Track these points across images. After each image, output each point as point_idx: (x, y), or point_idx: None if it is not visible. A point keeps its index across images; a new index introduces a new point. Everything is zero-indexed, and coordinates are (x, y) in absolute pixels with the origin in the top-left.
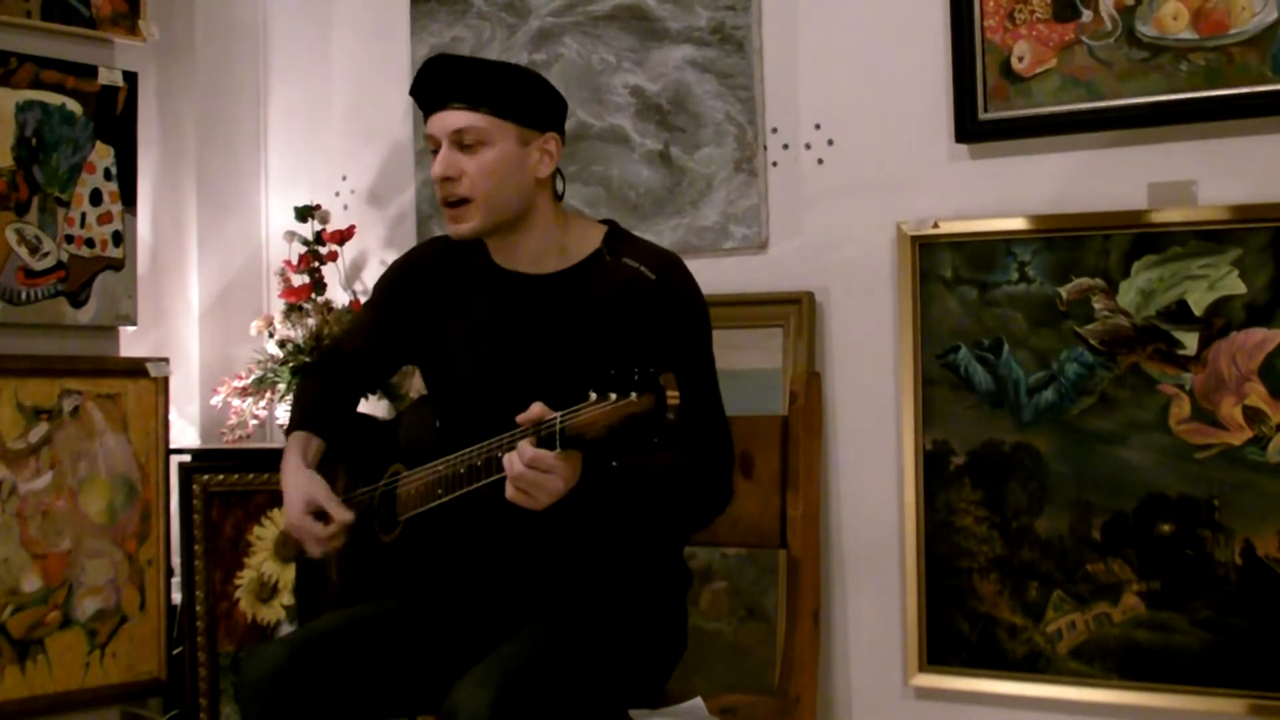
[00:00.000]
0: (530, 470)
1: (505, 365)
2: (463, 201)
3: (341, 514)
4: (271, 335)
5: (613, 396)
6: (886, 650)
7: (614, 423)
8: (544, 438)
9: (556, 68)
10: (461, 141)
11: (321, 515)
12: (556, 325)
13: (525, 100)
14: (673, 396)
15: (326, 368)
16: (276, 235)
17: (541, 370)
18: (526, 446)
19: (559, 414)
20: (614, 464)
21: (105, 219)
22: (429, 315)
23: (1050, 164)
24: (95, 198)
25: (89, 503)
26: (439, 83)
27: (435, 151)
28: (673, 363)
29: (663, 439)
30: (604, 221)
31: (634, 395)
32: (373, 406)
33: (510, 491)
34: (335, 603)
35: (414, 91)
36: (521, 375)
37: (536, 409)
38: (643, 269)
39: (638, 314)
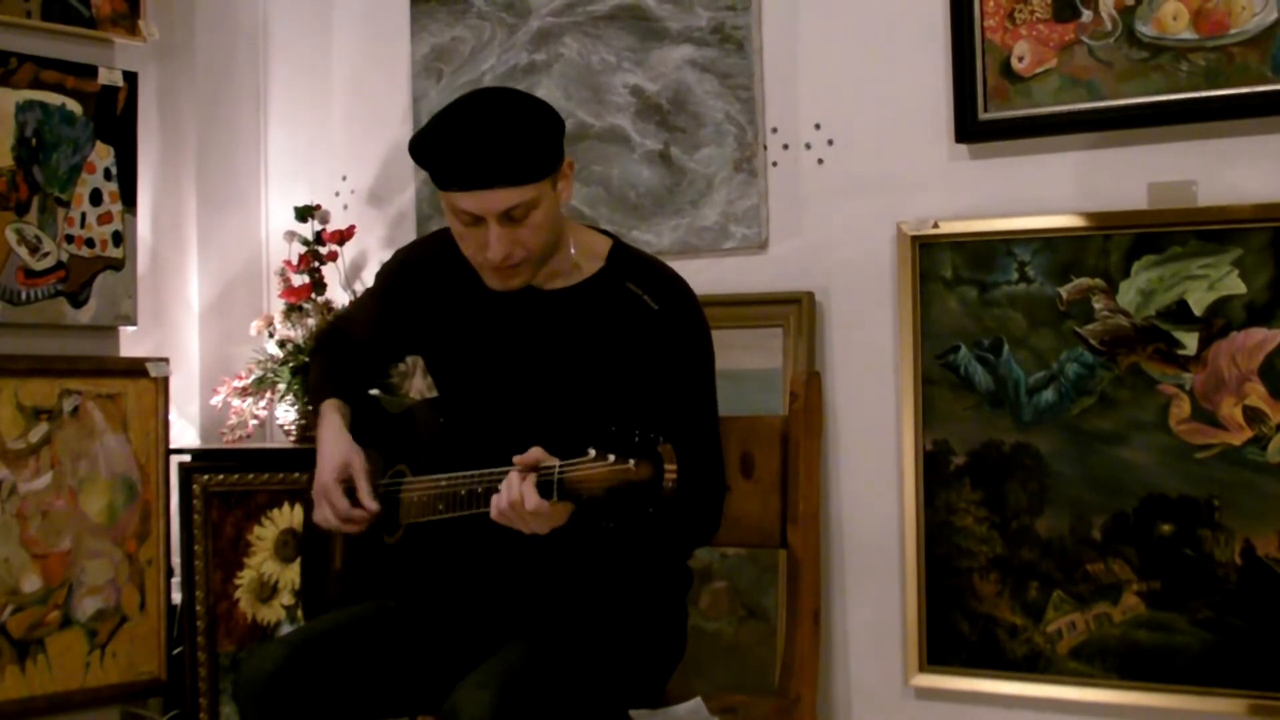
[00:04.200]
0: (511, 511)
1: (508, 379)
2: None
3: (370, 503)
4: (271, 335)
5: (611, 458)
6: (886, 650)
7: (612, 485)
8: (540, 484)
9: (556, 68)
10: (511, 215)
11: (348, 488)
12: (558, 344)
13: (553, 148)
14: (670, 470)
15: (337, 348)
16: (276, 235)
17: (542, 385)
18: (516, 485)
19: (558, 463)
20: (609, 525)
21: (105, 219)
22: (434, 314)
23: (1050, 164)
24: (95, 198)
25: (89, 503)
26: (479, 167)
27: (469, 223)
28: (672, 394)
29: (658, 510)
30: (605, 232)
31: (632, 463)
32: None
33: (494, 514)
34: (337, 601)
35: (430, 164)
36: (524, 390)
37: (534, 453)
38: (646, 298)
39: (640, 344)
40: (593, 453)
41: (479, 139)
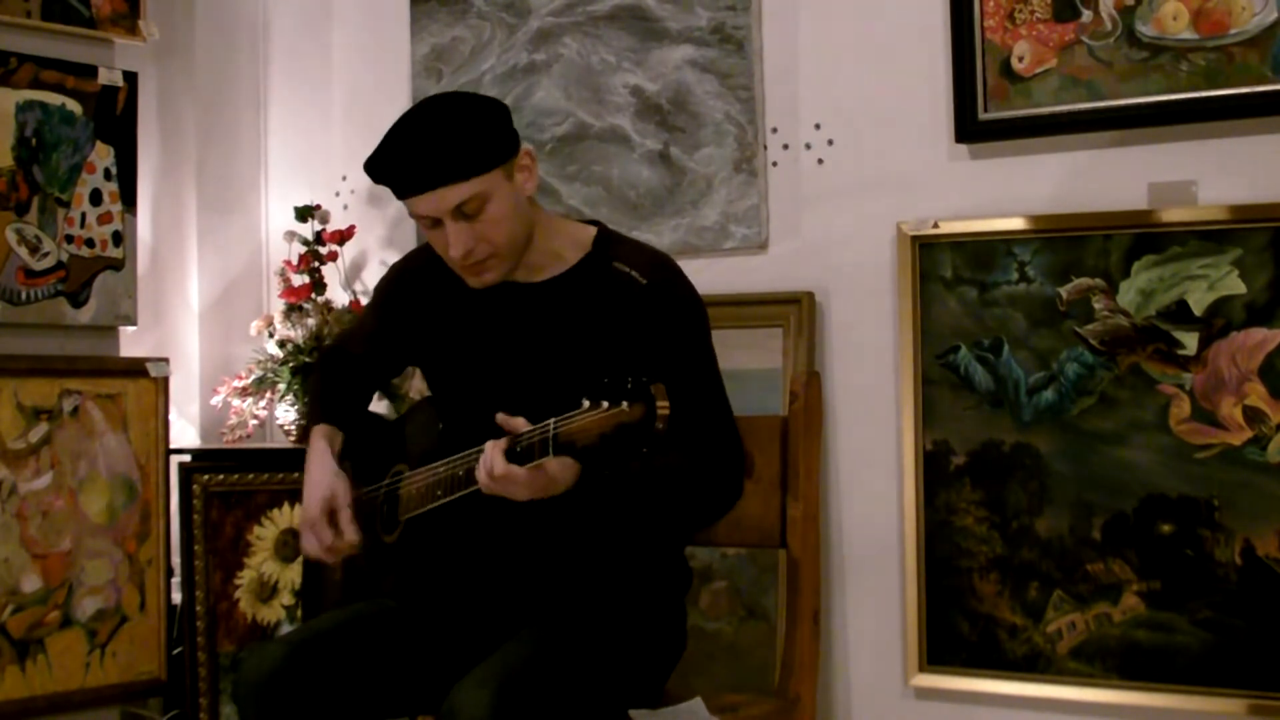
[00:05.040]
0: (487, 479)
1: (504, 373)
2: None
3: (350, 533)
4: (271, 335)
5: (604, 405)
6: (886, 650)
7: (606, 431)
8: (524, 449)
9: (556, 68)
10: (464, 212)
11: (334, 519)
12: (552, 333)
13: (495, 141)
14: (663, 406)
15: (336, 366)
16: (276, 235)
17: (539, 377)
18: (489, 453)
19: (552, 420)
20: (606, 472)
21: (105, 219)
22: (429, 320)
23: (1050, 164)
24: (95, 198)
25: (89, 503)
26: (419, 170)
27: (431, 226)
28: (672, 366)
29: (652, 448)
30: (590, 222)
31: (625, 405)
32: (373, 406)
33: (482, 488)
34: (337, 602)
35: (382, 178)
36: (520, 382)
37: (514, 422)
38: (634, 274)
39: (632, 320)
40: (586, 403)
41: (414, 143)
